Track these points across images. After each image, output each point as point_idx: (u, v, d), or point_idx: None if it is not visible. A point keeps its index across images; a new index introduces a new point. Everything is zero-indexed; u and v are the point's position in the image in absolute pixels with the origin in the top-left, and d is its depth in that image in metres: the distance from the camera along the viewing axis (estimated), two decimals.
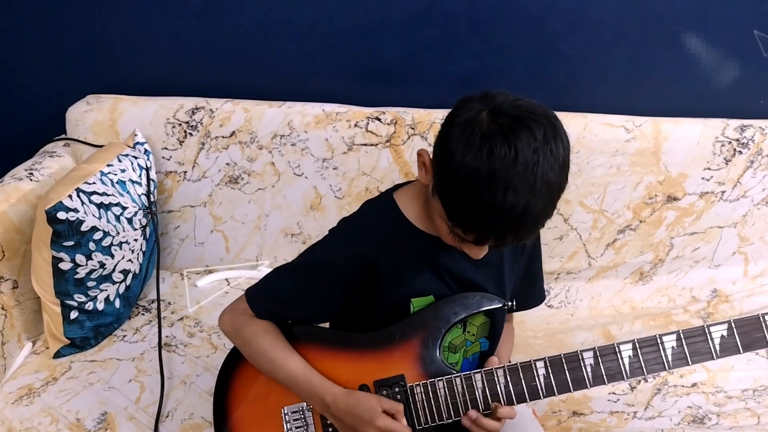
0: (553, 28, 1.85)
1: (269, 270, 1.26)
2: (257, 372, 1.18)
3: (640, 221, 1.89)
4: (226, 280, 1.97)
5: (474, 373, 1.11)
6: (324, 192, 1.91)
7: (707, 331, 1.09)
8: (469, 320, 1.16)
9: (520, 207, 0.91)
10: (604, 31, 1.85)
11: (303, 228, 1.95)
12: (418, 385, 1.12)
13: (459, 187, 0.94)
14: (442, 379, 1.12)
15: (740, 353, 1.09)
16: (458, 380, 1.11)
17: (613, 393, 1.63)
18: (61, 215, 1.52)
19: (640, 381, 1.66)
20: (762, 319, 1.08)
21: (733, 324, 1.08)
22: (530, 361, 1.09)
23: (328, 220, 1.92)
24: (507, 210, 0.91)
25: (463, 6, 1.83)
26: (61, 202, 1.53)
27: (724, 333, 1.08)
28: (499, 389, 1.10)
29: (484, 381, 1.10)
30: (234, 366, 1.22)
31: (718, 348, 1.08)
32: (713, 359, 1.09)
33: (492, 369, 1.10)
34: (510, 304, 1.15)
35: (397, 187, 1.18)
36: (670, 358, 1.08)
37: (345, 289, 1.13)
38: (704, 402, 1.62)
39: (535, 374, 1.09)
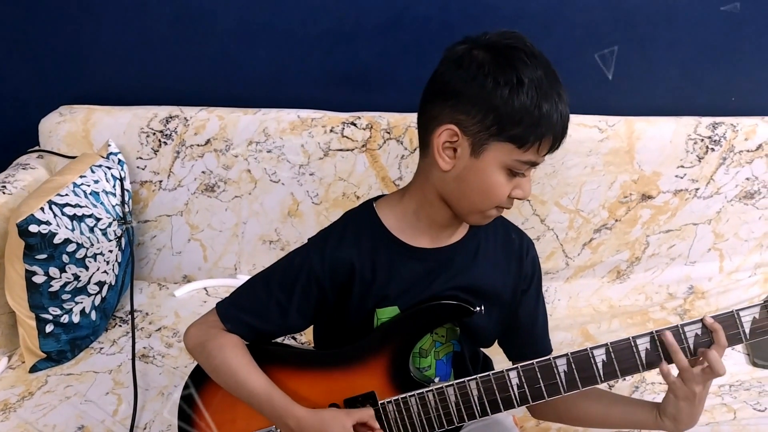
0: (526, 30, 1.85)
1: (248, 278, 1.24)
2: (221, 397, 1.15)
3: (616, 220, 1.90)
4: (205, 289, 1.96)
5: (446, 386, 1.09)
6: (301, 198, 1.91)
7: (681, 331, 1.07)
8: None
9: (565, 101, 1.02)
10: (576, 32, 1.86)
11: (281, 235, 1.95)
12: (390, 402, 1.11)
13: (526, 99, 0.97)
14: (414, 395, 1.10)
15: None
16: (430, 395, 1.09)
17: None
18: (33, 228, 1.51)
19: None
20: (736, 315, 1.07)
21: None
22: (503, 370, 1.08)
23: (305, 227, 1.92)
24: (563, 104, 1.01)
25: (435, 10, 1.84)
26: (32, 215, 1.52)
27: (698, 332, 1.07)
28: (472, 401, 1.08)
29: (457, 394, 1.09)
30: (196, 391, 1.18)
31: (692, 347, 1.07)
32: (688, 358, 1.09)
33: (464, 381, 1.09)
34: (478, 309, 1.11)
35: (377, 198, 1.17)
36: (644, 360, 1.06)
37: (319, 297, 1.12)
38: None
39: (509, 384, 1.07)
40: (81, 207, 1.63)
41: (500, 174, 1.02)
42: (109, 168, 1.77)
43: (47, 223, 1.54)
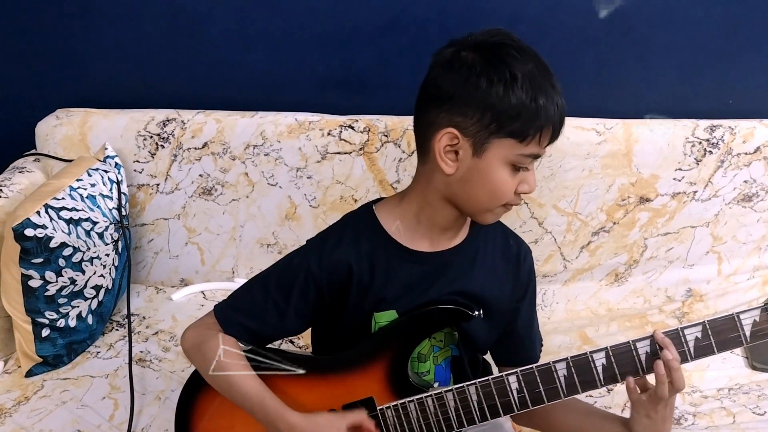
0: (522, 34, 1.85)
1: (246, 281, 1.23)
2: (219, 402, 1.14)
3: (614, 223, 1.90)
4: (202, 292, 1.96)
5: (446, 391, 1.09)
6: (299, 201, 1.90)
7: (681, 334, 1.07)
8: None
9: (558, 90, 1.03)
10: (573, 36, 1.86)
11: (279, 238, 1.94)
12: (389, 407, 1.10)
13: (521, 93, 0.97)
14: (413, 400, 1.09)
15: (715, 354, 1.08)
16: (429, 400, 1.09)
17: (590, 396, 1.63)
18: (29, 232, 1.50)
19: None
20: (736, 318, 1.07)
21: (707, 325, 1.06)
22: (502, 375, 1.07)
23: (303, 230, 1.92)
24: (557, 95, 1.02)
25: (433, 13, 1.83)
26: (28, 218, 1.51)
27: (699, 335, 1.06)
28: (472, 406, 1.08)
29: (456, 399, 1.08)
30: (194, 396, 1.18)
31: (692, 350, 1.07)
32: (688, 361, 1.09)
33: (464, 386, 1.08)
34: (477, 313, 1.11)
35: (376, 201, 1.17)
36: (644, 364, 1.06)
37: (317, 299, 1.11)
38: (680, 402, 1.62)
39: (509, 389, 1.07)
40: (77, 211, 1.62)
41: (504, 170, 1.02)
42: (106, 171, 1.76)
43: (43, 226, 1.53)
